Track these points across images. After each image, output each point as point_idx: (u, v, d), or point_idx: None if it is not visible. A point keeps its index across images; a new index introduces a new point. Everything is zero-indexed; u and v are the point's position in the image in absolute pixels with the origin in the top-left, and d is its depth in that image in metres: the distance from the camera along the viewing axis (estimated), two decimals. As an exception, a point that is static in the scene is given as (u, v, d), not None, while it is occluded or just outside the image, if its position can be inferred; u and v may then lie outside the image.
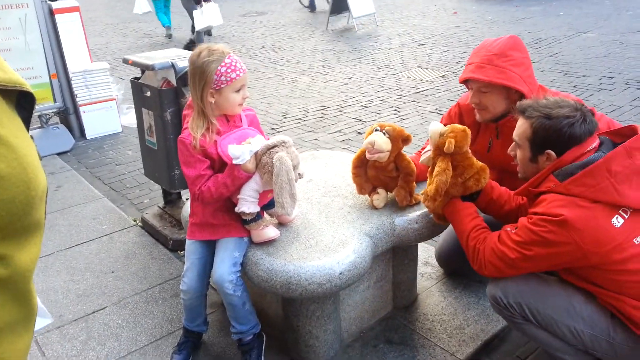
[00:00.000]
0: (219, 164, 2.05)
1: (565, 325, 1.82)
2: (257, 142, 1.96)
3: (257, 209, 2.04)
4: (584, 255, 1.69)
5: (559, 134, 1.75)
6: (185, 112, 2.11)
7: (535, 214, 1.77)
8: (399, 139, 2.14)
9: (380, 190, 2.29)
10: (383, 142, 2.10)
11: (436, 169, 2.03)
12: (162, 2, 10.78)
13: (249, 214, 2.01)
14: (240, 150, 1.89)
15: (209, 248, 2.20)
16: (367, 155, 2.16)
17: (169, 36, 10.81)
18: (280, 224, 2.20)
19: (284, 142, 1.96)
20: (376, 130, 2.15)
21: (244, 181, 1.97)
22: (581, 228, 1.66)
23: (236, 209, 2.02)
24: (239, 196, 2.01)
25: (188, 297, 2.22)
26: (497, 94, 2.19)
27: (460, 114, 2.46)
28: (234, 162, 1.91)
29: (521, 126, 1.88)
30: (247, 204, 2.00)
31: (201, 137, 1.98)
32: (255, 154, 1.94)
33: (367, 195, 2.32)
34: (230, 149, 1.91)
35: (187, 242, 2.24)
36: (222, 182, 1.97)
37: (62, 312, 2.75)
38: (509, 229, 1.87)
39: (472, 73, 2.18)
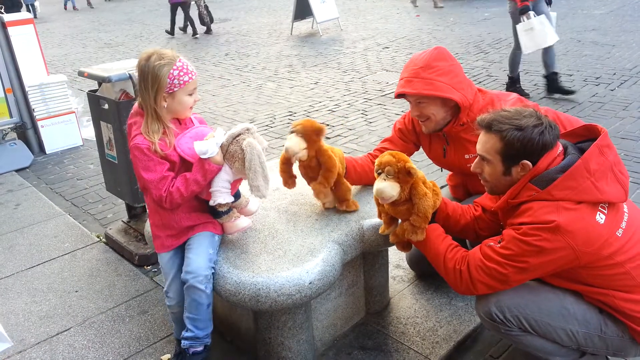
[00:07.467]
0: (179, 166, 2.04)
1: (562, 329, 1.83)
2: (220, 134, 1.99)
3: (232, 199, 2.07)
4: (577, 257, 1.70)
5: (532, 143, 1.75)
6: (130, 121, 2.05)
7: (523, 224, 1.74)
8: (312, 134, 2.10)
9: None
10: (294, 144, 2.08)
11: (416, 198, 1.93)
12: None
13: (224, 204, 2.04)
14: (206, 145, 1.93)
15: (183, 255, 2.13)
16: (292, 160, 2.17)
17: None
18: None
19: (247, 129, 2.00)
20: (291, 132, 2.12)
21: (215, 174, 1.99)
22: (573, 230, 1.67)
23: (211, 203, 2.03)
24: (211, 189, 2.02)
25: (178, 311, 2.18)
26: (433, 104, 2.25)
27: (412, 121, 2.51)
28: (203, 156, 1.93)
29: (488, 141, 1.82)
30: (222, 195, 2.03)
31: (160, 142, 1.97)
32: (221, 145, 1.98)
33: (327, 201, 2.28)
34: (196, 146, 1.94)
35: (162, 256, 2.16)
36: (193, 179, 1.97)
37: (24, 335, 2.64)
38: (491, 243, 1.82)
39: (403, 88, 2.26)
